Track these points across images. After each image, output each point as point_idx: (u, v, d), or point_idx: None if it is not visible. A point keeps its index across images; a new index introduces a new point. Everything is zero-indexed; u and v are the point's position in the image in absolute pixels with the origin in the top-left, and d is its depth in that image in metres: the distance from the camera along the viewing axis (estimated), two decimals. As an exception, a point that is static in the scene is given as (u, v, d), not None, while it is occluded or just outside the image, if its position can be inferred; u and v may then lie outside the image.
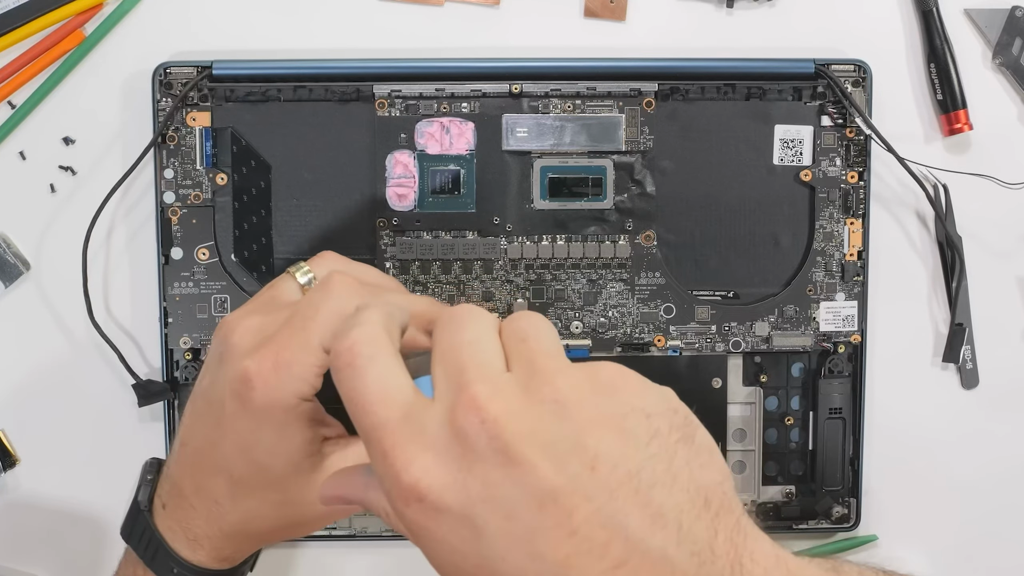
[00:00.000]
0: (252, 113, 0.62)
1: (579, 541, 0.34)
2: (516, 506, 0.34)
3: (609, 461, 0.34)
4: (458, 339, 0.37)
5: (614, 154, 0.62)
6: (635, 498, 0.34)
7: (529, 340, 0.37)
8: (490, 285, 0.63)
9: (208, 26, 0.63)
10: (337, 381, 0.38)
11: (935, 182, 0.64)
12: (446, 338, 0.38)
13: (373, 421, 0.36)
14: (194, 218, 0.62)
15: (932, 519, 0.66)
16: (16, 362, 0.65)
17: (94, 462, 0.65)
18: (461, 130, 0.62)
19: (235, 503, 0.50)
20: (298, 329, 0.48)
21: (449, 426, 0.35)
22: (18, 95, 0.63)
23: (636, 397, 0.36)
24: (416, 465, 0.35)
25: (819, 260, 0.63)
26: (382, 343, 0.38)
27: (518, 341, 0.38)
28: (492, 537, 0.34)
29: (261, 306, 0.52)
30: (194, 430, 0.51)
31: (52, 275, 0.64)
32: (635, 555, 0.34)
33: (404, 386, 0.37)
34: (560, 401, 0.35)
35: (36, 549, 0.66)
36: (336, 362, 0.38)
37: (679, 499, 0.35)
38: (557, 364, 0.37)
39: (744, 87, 0.62)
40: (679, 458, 0.35)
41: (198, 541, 0.51)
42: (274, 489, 0.50)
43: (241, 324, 0.50)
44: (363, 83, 0.61)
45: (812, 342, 0.64)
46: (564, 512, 0.34)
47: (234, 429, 0.49)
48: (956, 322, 0.64)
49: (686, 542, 0.34)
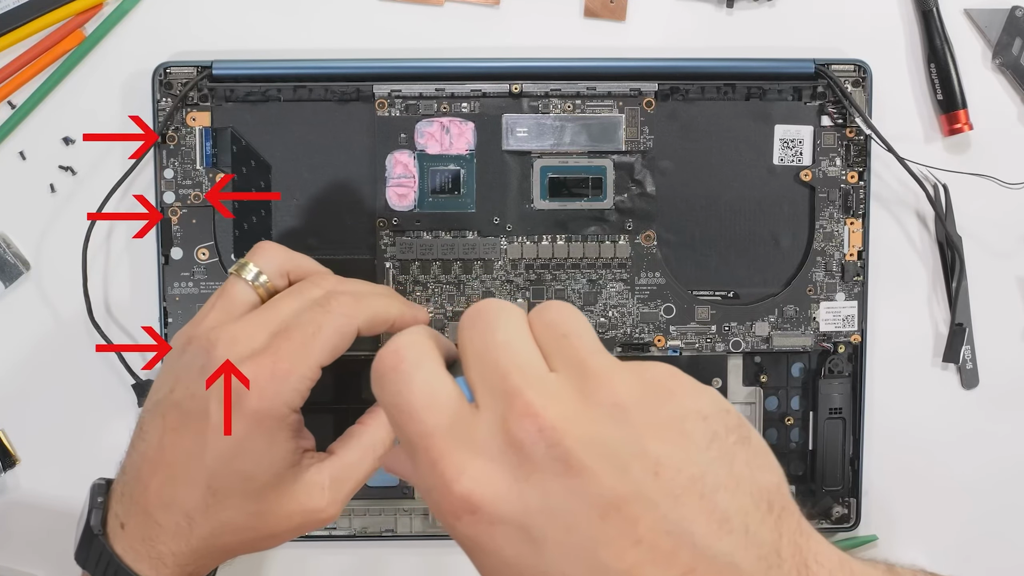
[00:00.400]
0: (252, 113, 0.62)
1: (644, 550, 0.32)
2: (577, 516, 0.32)
3: (672, 466, 0.33)
4: (490, 340, 0.36)
5: (614, 154, 0.62)
6: (700, 503, 0.33)
7: (571, 336, 0.36)
8: (490, 285, 0.63)
9: (208, 26, 0.63)
10: (379, 387, 0.37)
11: (935, 182, 0.64)
12: (477, 339, 0.36)
13: (421, 429, 0.35)
14: (194, 218, 0.62)
15: (932, 519, 0.66)
16: (16, 362, 0.65)
17: (94, 462, 0.65)
18: (461, 130, 0.62)
19: (208, 515, 0.50)
20: (298, 343, 0.49)
21: (502, 435, 0.34)
22: (18, 95, 0.63)
23: (691, 399, 0.35)
24: (468, 475, 0.34)
25: (819, 260, 0.63)
26: (428, 348, 0.37)
27: (558, 337, 0.36)
28: (552, 549, 0.33)
29: (225, 313, 0.52)
30: (166, 442, 0.50)
31: (52, 275, 0.64)
32: (702, 562, 0.32)
33: (452, 393, 0.36)
34: (619, 405, 0.34)
35: (36, 549, 0.66)
36: (380, 366, 0.37)
37: (743, 502, 0.33)
38: (608, 363, 0.35)
39: (744, 87, 0.62)
40: (739, 460, 0.34)
41: (162, 559, 0.51)
42: (253, 499, 0.50)
43: (223, 334, 0.50)
44: (363, 83, 0.61)
45: (812, 342, 0.64)
46: (628, 521, 0.32)
47: (220, 437, 0.49)
48: (956, 322, 0.64)
49: (752, 546, 0.33)
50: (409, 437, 0.35)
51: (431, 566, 0.66)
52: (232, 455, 0.49)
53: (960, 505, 0.66)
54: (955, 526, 0.66)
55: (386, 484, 0.63)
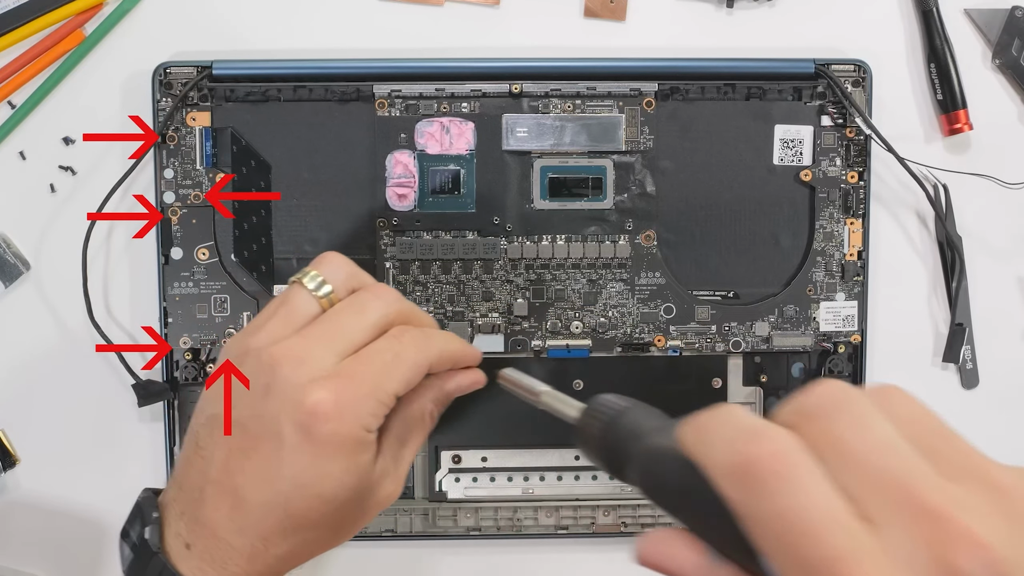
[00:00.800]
0: (252, 113, 0.62)
1: None
2: None
3: None
4: (860, 438, 0.30)
5: (614, 154, 0.62)
6: None
7: (943, 432, 0.31)
8: (490, 285, 0.63)
9: (208, 26, 0.63)
10: (753, 492, 0.30)
11: (935, 182, 0.64)
12: (847, 434, 0.30)
13: (826, 553, 0.29)
14: (194, 218, 0.62)
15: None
16: (16, 362, 0.65)
17: (94, 462, 0.65)
18: (461, 130, 0.62)
19: (287, 537, 0.48)
20: (379, 369, 0.48)
21: (932, 563, 0.28)
22: (18, 95, 0.63)
23: None
24: None
25: (819, 260, 0.63)
26: (807, 459, 0.30)
27: (928, 434, 0.31)
28: None
29: (285, 325, 0.49)
30: (233, 466, 0.48)
31: (52, 275, 0.64)
32: None
33: (846, 511, 0.29)
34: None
35: (36, 549, 0.66)
36: (757, 468, 0.30)
37: None
38: (1012, 473, 0.31)
39: (744, 87, 0.62)
40: None
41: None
42: (332, 518, 0.49)
43: (288, 352, 0.48)
44: (363, 83, 0.61)
45: (812, 342, 0.63)
46: None
47: (296, 462, 0.47)
48: (956, 322, 0.64)
49: None
50: (805, 559, 0.29)
51: (431, 565, 0.66)
52: (310, 481, 0.47)
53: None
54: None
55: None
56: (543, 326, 0.63)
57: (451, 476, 0.63)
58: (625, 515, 0.65)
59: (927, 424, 0.31)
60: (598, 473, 0.63)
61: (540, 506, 0.65)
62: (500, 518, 0.65)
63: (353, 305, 0.50)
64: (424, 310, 0.56)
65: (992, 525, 0.29)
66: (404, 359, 0.49)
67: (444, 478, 0.63)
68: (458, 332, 0.62)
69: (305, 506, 0.47)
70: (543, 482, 0.63)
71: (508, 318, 0.63)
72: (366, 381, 0.47)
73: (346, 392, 0.47)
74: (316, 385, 0.46)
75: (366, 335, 0.49)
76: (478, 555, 0.66)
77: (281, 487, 0.47)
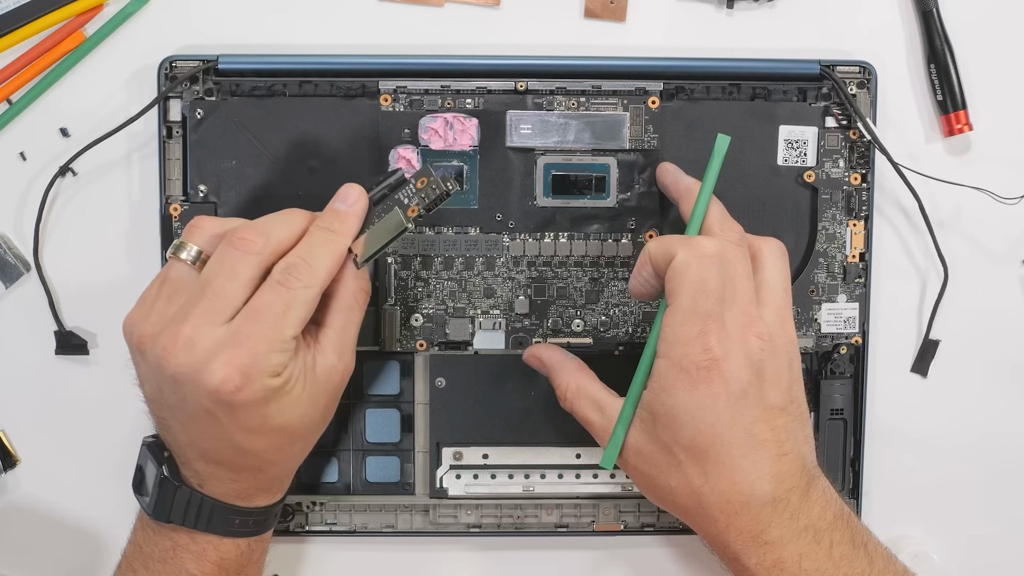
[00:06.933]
0: (257, 107, 0.61)
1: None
2: None
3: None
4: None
5: (618, 152, 0.62)
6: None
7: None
8: (492, 282, 0.63)
9: (213, 23, 0.63)
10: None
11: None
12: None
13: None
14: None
15: (932, 519, 0.66)
16: (16, 362, 0.65)
17: (94, 463, 0.65)
18: (465, 126, 0.62)
19: (276, 457, 0.54)
20: (271, 327, 0.50)
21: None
22: (18, 96, 0.63)
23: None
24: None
25: (821, 261, 0.63)
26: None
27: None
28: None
29: (169, 302, 0.52)
30: (194, 435, 0.53)
31: (52, 275, 0.64)
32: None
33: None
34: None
35: (35, 550, 0.65)
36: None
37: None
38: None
39: (749, 88, 0.62)
40: None
41: (247, 493, 0.54)
42: (304, 421, 0.53)
43: (177, 339, 0.50)
44: (368, 79, 0.61)
45: (814, 343, 0.63)
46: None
47: (235, 425, 0.51)
48: (930, 338, 0.65)
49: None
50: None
51: (431, 562, 0.66)
52: (257, 427, 0.51)
53: (961, 505, 0.66)
54: (956, 526, 0.66)
55: (387, 480, 0.63)
56: (544, 324, 0.63)
57: (452, 473, 0.63)
58: (626, 514, 0.65)
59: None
60: (599, 472, 0.63)
61: (541, 504, 0.64)
62: (501, 516, 0.64)
63: (223, 267, 0.51)
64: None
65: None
66: (295, 303, 0.51)
67: (445, 475, 0.63)
68: (459, 328, 0.62)
69: (270, 440, 0.52)
70: (544, 480, 0.63)
71: (509, 315, 0.63)
72: (261, 340, 0.50)
73: (243, 357, 0.49)
74: (215, 364, 0.49)
75: (245, 292, 0.51)
76: (479, 552, 0.66)
77: (240, 441, 0.51)
